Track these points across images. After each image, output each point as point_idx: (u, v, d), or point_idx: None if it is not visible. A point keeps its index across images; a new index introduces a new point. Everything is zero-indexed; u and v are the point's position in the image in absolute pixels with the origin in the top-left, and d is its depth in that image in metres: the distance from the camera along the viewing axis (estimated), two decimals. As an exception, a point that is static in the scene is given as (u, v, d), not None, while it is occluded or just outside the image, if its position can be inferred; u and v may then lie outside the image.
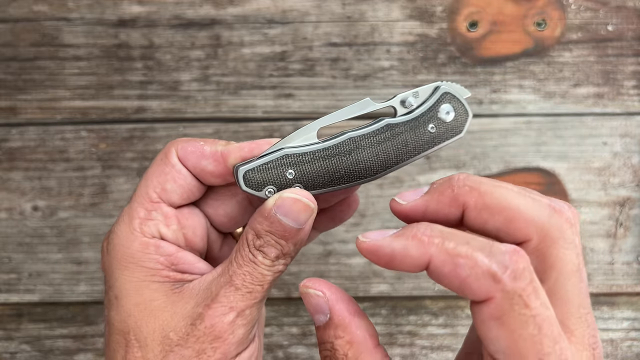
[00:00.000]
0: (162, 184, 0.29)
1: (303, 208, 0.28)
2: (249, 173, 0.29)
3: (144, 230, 0.29)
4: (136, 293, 0.28)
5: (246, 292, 0.27)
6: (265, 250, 0.28)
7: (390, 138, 0.30)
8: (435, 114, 0.31)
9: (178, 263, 0.29)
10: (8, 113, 0.50)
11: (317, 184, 0.29)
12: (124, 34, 0.49)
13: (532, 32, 0.49)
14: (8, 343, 0.51)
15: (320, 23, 0.49)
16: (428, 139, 0.31)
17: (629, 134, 0.50)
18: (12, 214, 0.50)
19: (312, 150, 0.29)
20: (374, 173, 0.30)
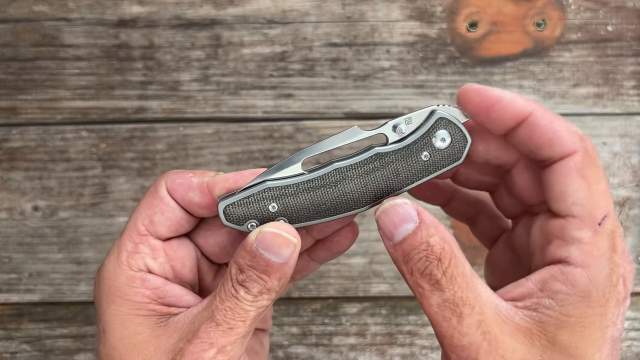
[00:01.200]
0: (150, 216, 0.29)
1: (284, 242, 0.27)
2: (229, 208, 0.28)
3: (131, 263, 0.29)
4: (121, 327, 0.28)
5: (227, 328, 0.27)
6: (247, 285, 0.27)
7: (379, 168, 0.28)
8: (429, 141, 0.29)
9: (165, 296, 0.29)
10: (8, 113, 0.50)
11: (303, 217, 0.28)
12: (125, 34, 0.49)
13: (532, 33, 0.50)
14: (8, 343, 0.52)
15: (320, 23, 0.49)
16: (421, 167, 0.29)
17: (629, 134, 0.50)
18: (13, 214, 0.51)
19: (296, 183, 0.28)
20: (363, 204, 0.29)
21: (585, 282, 0.25)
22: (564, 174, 0.26)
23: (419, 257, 0.26)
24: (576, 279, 0.25)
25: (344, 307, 0.52)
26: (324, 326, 0.52)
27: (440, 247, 0.26)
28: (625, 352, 0.52)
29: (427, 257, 0.26)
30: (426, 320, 0.51)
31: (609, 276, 0.25)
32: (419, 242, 0.26)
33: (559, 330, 0.25)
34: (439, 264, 0.26)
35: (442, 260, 0.26)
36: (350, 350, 0.52)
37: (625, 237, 0.51)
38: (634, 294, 0.51)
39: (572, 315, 0.25)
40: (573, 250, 0.25)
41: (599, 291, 0.25)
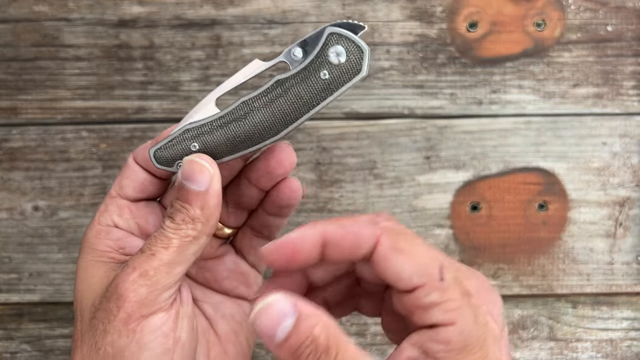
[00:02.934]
0: (119, 182, 0.33)
1: (199, 169, 0.29)
2: (158, 152, 0.31)
3: (100, 220, 0.33)
4: (84, 271, 0.32)
5: (149, 254, 0.29)
6: (172, 215, 0.29)
7: (282, 94, 0.30)
8: (325, 59, 0.29)
9: (125, 247, 0.32)
10: (9, 113, 0.50)
11: (223, 152, 0.30)
12: (125, 35, 0.50)
13: (532, 33, 0.50)
14: (8, 343, 0.52)
15: (321, 23, 0.50)
16: (323, 86, 0.29)
17: (629, 134, 0.50)
18: (13, 214, 0.51)
19: (210, 121, 0.30)
20: (276, 132, 0.30)
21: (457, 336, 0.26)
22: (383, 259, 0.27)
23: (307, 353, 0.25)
24: (449, 336, 0.26)
25: (344, 307, 0.52)
26: (324, 326, 0.52)
27: (325, 337, 0.25)
28: (625, 352, 0.52)
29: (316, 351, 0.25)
30: (426, 320, 0.51)
31: (475, 320, 0.26)
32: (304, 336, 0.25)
33: None
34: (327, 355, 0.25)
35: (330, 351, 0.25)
36: (350, 350, 0.52)
37: (625, 237, 0.51)
38: (634, 293, 0.51)
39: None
40: (434, 313, 0.26)
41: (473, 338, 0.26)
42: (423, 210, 0.50)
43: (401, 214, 0.50)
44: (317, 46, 0.29)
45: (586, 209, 0.51)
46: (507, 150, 0.50)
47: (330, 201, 0.50)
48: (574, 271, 0.51)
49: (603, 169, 0.50)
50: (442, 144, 0.50)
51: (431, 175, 0.50)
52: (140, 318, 0.29)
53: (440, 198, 0.50)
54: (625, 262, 0.51)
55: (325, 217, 0.50)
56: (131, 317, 0.29)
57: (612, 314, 0.52)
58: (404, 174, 0.50)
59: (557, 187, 0.50)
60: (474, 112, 0.50)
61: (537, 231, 0.51)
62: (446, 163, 0.50)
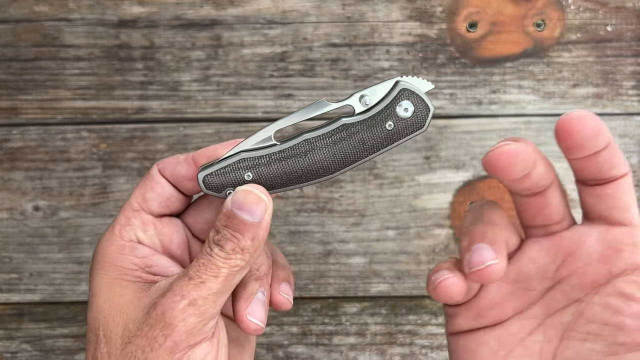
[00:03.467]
0: (142, 194, 0.32)
1: (255, 200, 0.29)
2: (208, 177, 0.30)
3: (123, 234, 0.31)
4: (108, 289, 0.30)
5: (199, 282, 0.28)
6: (221, 244, 0.29)
7: (346, 138, 0.30)
8: (393, 111, 0.30)
9: (152, 265, 0.31)
10: (9, 113, 0.50)
11: (275, 184, 0.31)
12: (125, 35, 0.50)
13: (532, 33, 0.50)
14: (9, 343, 0.52)
15: (320, 24, 0.50)
16: (386, 136, 0.30)
17: (628, 134, 0.50)
18: (13, 214, 0.51)
19: (269, 153, 0.30)
20: (332, 171, 0.31)
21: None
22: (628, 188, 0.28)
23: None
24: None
25: (344, 307, 0.52)
26: (323, 326, 0.52)
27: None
28: (625, 351, 0.52)
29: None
30: (426, 320, 0.51)
31: None
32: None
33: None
34: None
35: None
36: (350, 349, 0.52)
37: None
38: (634, 293, 0.51)
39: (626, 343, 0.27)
40: None
41: None
42: (423, 210, 0.51)
43: (401, 214, 0.50)
44: (388, 98, 0.30)
45: (586, 208, 0.51)
46: (507, 150, 0.50)
47: (330, 201, 0.50)
48: (573, 271, 0.51)
49: (603, 169, 0.50)
50: (442, 144, 0.50)
51: (431, 175, 0.50)
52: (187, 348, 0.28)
53: (440, 198, 0.50)
54: (625, 262, 0.51)
55: (325, 217, 0.51)
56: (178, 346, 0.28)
57: (611, 314, 0.52)
58: (404, 174, 0.50)
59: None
60: (473, 112, 0.50)
61: (536, 231, 0.51)
62: (446, 163, 0.50)
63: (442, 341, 0.52)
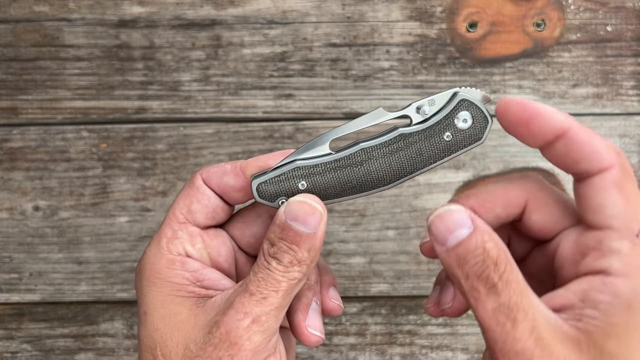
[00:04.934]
0: (187, 205, 0.31)
1: (310, 211, 0.28)
2: (262, 185, 0.30)
3: (171, 248, 0.30)
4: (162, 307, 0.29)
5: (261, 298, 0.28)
6: (278, 257, 0.28)
7: (403, 148, 0.30)
8: (451, 122, 0.30)
9: (203, 279, 0.30)
10: (9, 113, 0.50)
11: (330, 194, 0.30)
12: (125, 35, 0.50)
13: (531, 33, 0.50)
14: (9, 342, 0.52)
15: (320, 24, 0.50)
16: (444, 147, 0.30)
17: (628, 134, 0.50)
18: (13, 213, 0.51)
19: (324, 162, 0.30)
20: (387, 182, 0.30)
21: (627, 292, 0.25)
22: (602, 187, 0.26)
23: (475, 261, 0.25)
24: (619, 288, 0.25)
25: (344, 307, 0.52)
26: (324, 326, 0.52)
27: (496, 253, 0.26)
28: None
29: (484, 261, 0.25)
30: (426, 320, 0.51)
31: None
32: (475, 246, 0.26)
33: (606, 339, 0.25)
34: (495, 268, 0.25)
35: (499, 265, 0.25)
36: (350, 349, 0.52)
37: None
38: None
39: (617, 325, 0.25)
40: (613, 261, 0.26)
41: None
42: (423, 210, 0.51)
43: (401, 214, 0.50)
44: (446, 108, 0.30)
45: (586, 208, 0.51)
46: (507, 150, 0.50)
47: (330, 201, 0.50)
48: (573, 271, 0.51)
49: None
50: (442, 144, 0.50)
51: (431, 175, 0.50)
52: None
53: (440, 198, 0.50)
54: (625, 262, 0.51)
55: (325, 217, 0.51)
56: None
57: (611, 314, 0.52)
58: (403, 174, 0.50)
59: (557, 187, 0.50)
60: (473, 112, 0.50)
61: (536, 231, 0.51)
62: (446, 163, 0.50)
63: (442, 341, 0.52)
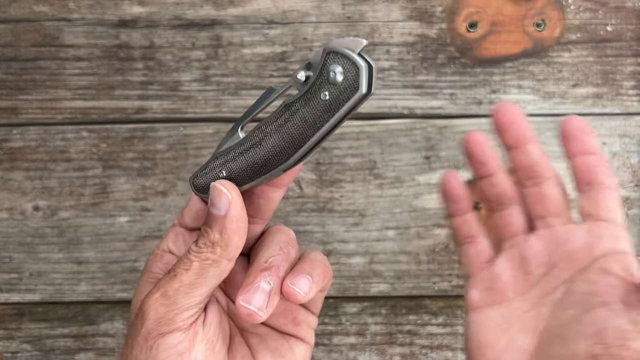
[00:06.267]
0: (182, 211, 0.35)
1: (217, 194, 0.30)
2: (195, 180, 0.32)
3: (160, 246, 0.35)
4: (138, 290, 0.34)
5: (172, 276, 0.30)
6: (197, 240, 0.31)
7: (289, 118, 0.29)
8: (325, 80, 0.28)
9: None
10: (9, 113, 0.50)
11: (245, 178, 0.31)
12: (125, 35, 0.50)
13: (531, 33, 0.50)
14: (9, 342, 0.52)
15: (320, 24, 0.50)
16: (324, 107, 0.28)
17: (628, 134, 0.50)
18: (13, 213, 0.51)
19: (234, 148, 0.31)
20: (287, 156, 0.30)
21: None
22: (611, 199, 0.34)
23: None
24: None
25: (344, 307, 0.52)
26: (323, 326, 0.52)
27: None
28: (625, 351, 0.52)
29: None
30: (426, 320, 0.52)
31: None
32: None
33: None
34: None
35: None
36: (350, 349, 0.52)
37: (624, 237, 0.51)
38: (633, 293, 0.51)
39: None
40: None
41: None
42: (423, 210, 0.51)
43: (401, 214, 0.50)
44: (318, 67, 0.28)
45: (586, 208, 0.51)
46: (507, 150, 0.50)
47: (330, 201, 0.50)
48: (573, 271, 0.51)
49: (602, 168, 0.51)
50: (441, 144, 0.50)
51: (431, 175, 0.50)
52: (158, 336, 0.30)
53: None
54: (625, 262, 0.51)
55: (325, 217, 0.51)
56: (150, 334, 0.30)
57: (611, 314, 0.52)
58: (404, 174, 0.50)
59: (557, 187, 0.51)
60: (473, 112, 0.50)
61: (536, 231, 0.51)
62: (446, 163, 0.50)
63: (442, 341, 0.52)
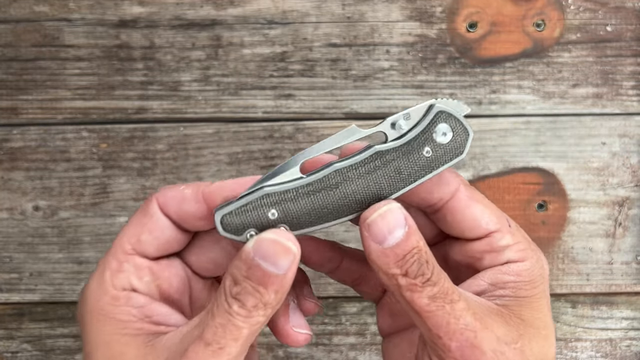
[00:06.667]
0: (137, 235, 0.28)
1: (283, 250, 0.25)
2: (227, 217, 0.26)
3: (115, 283, 0.28)
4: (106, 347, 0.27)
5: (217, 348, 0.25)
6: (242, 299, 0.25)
7: (380, 167, 0.28)
8: (430, 136, 0.28)
9: (152, 315, 0.28)
10: (9, 113, 0.50)
11: (304, 222, 0.27)
12: (125, 35, 0.50)
13: (531, 33, 0.50)
14: (9, 342, 0.52)
15: (320, 24, 0.50)
16: (424, 163, 0.28)
17: (628, 134, 0.50)
18: (13, 213, 0.51)
19: (295, 187, 0.27)
20: (366, 205, 0.28)
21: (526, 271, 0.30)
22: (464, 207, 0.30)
23: (413, 260, 0.27)
24: (520, 269, 0.30)
25: (344, 307, 0.52)
26: (323, 325, 0.52)
27: (426, 251, 0.27)
28: (625, 351, 0.52)
29: (419, 260, 0.27)
30: (426, 320, 0.52)
31: (537, 261, 0.30)
32: (412, 246, 0.27)
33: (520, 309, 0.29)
34: (427, 264, 0.27)
35: (429, 260, 0.27)
36: (350, 349, 0.52)
37: (624, 237, 0.51)
38: (633, 293, 0.51)
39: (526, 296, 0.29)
40: (508, 253, 0.30)
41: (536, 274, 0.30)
42: (423, 210, 0.51)
43: (401, 213, 0.50)
44: (423, 122, 0.28)
45: (585, 208, 0.51)
46: (507, 150, 0.50)
47: (330, 201, 0.50)
48: (573, 271, 0.51)
49: (602, 169, 0.51)
50: (441, 144, 0.50)
51: (431, 175, 0.50)
52: None
53: (440, 198, 0.50)
54: (625, 262, 0.51)
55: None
56: None
57: (611, 314, 0.52)
58: (403, 174, 0.50)
59: (557, 187, 0.51)
60: (473, 112, 0.50)
61: (536, 231, 0.51)
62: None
63: (442, 341, 0.52)
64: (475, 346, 0.27)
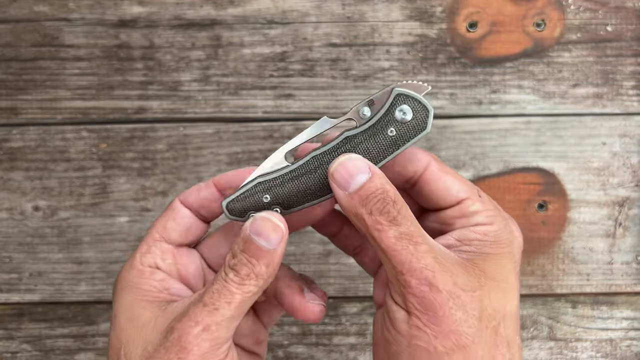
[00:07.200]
0: (164, 224, 0.34)
1: (272, 227, 0.30)
2: (231, 204, 0.32)
3: (143, 261, 0.34)
4: (128, 310, 0.32)
5: (212, 309, 0.29)
6: (236, 268, 0.30)
7: (351, 149, 0.32)
8: (392, 118, 0.31)
9: (169, 287, 0.33)
10: (9, 113, 0.50)
11: (293, 202, 0.32)
12: (125, 35, 0.50)
13: (532, 33, 0.50)
14: (9, 343, 0.52)
15: (320, 23, 0.50)
16: (390, 142, 0.32)
17: (628, 134, 0.50)
18: (13, 213, 0.51)
19: (282, 174, 0.32)
20: None
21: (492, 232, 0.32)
22: (437, 178, 0.33)
23: (377, 199, 0.30)
24: (486, 230, 0.32)
25: (344, 307, 0.52)
26: (324, 326, 0.52)
27: (393, 193, 0.30)
28: (625, 351, 0.52)
29: (384, 199, 0.30)
30: (426, 320, 0.51)
31: (505, 226, 0.32)
32: (375, 187, 0.30)
33: (484, 263, 0.31)
34: (394, 204, 0.30)
35: (397, 202, 0.30)
36: (350, 349, 0.52)
37: (624, 237, 0.51)
38: (633, 293, 0.51)
39: (490, 253, 0.31)
40: (477, 218, 0.32)
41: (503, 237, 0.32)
42: (423, 210, 0.51)
43: (401, 213, 0.50)
44: (385, 105, 0.32)
45: (586, 208, 0.51)
46: (507, 150, 0.50)
47: (330, 201, 0.50)
48: (573, 271, 0.51)
49: (603, 169, 0.51)
50: (442, 144, 0.50)
51: (431, 175, 0.50)
52: None
53: (440, 198, 0.50)
54: (625, 262, 0.51)
55: (325, 217, 0.51)
56: None
57: (611, 314, 0.52)
58: (403, 174, 0.50)
59: (557, 187, 0.50)
60: (473, 112, 0.50)
61: (536, 231, 0.51)
62: (446, 163, 0.50)
63: (442, 341, 0.52)
64: (433, 284, 0.29)
